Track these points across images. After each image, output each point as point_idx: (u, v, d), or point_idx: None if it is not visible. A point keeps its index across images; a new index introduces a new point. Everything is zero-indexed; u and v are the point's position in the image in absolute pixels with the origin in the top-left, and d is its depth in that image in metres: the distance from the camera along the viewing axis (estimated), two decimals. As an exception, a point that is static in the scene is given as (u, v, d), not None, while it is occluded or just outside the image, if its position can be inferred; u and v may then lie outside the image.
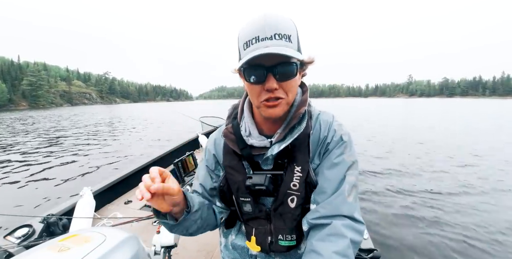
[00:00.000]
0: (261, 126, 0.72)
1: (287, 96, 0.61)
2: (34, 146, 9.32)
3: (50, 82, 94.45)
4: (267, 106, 0.61)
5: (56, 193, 4.54)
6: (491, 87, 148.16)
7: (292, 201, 0.65)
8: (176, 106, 48.46)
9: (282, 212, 0.68)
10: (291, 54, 0.54)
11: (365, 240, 1.61)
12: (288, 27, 0.57)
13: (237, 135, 0.70)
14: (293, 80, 0.60)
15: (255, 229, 0.73)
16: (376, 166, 5.88)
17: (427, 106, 42.36)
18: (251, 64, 0.57)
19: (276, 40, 0.55)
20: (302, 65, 0.63)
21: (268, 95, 0.59)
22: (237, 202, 0.73)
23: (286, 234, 0.69)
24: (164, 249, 1.16)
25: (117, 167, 6.29)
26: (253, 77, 0.59)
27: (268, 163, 0.70)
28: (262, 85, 0.59)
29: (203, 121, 5.93)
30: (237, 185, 0.71)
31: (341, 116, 18.74)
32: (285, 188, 0.66)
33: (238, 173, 0.71)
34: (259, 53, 0.53)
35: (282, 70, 0.57)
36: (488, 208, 3.66)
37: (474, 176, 5.05)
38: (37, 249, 0.69)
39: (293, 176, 0.65)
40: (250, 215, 0.73)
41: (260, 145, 0.67)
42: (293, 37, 0.58)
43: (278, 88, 0.58)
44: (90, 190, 2.25)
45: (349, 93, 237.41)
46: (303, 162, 0.65)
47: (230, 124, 0.74)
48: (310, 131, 0.67)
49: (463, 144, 8.35)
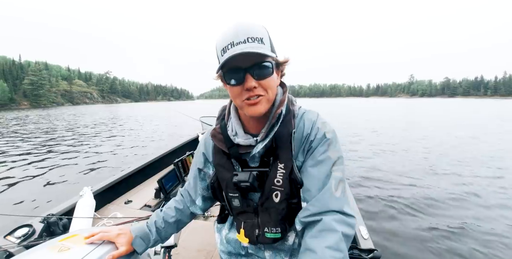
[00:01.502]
0: (247, 125, 0.75)
1: (267, 93, 0.64)
2: (34, 146, 9.35)
3: (51, 81, 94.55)
4: (249, 104, 0.64)
5: (56, 193, 4.55)
6: (493, 87, 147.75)
7: (276, 196, 0.70)
8: (177, 106, 48.37)
9: (268, 206, 0.72)
10: (264, 52, 0.59)
11: (365, 240, 1.61)
12: (260, 31, 0.62)
13: (224, 135, 0.75)
14: (271, 79, 0.64)
15: (244, 222, 0.79)
16: (376, 166, 5.88)
17: (430, 106, 42.23)
18: (229, 67, 0.62)
19: (249, 43, 0.59)
20: (278, 65, 0.68)
21: (248, 94, 0.63)
22: (227, 198, 0.79)
23: (271, 227, 0.74)
24: (164, 249, 1.16)
25: (117, 167, 6.29)
26: (232, 79, 0.63)
27: (255, 161, 0.74)
28: (242, 86, 0.62)
29: (203, 120, 5.93)
30: (226, 182, 0.76)
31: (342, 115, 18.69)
32: (270, 184, 0.70)
33: (226, 170, 0.76)
34: (234, 53, 0.57)
35: (259, 69, 0.61)
36: (490, 208, 3.65)
37: (478, 177, 5.04)
38: (37, 249, 0.69)
39: (277, 173, 0.69)
40: (239, 209, 0.79)
41: (246, 143, 0.71)
42: (265, 40, 0.62)
43: (257, 87, 0.62)
44: (90, 190, 2.25)
45: (350, 93, 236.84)
46: (286, 160, 0.69)
47: (218, 125, 0.79)
48: (293, 129, 0.69)
49: (468, 144, 8.33)
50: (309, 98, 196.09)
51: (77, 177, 5.52)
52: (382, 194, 4.20)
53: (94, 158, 7.33)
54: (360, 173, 5.31)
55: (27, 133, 13.15)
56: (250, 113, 0.65)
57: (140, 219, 2.21)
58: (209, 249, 1.86)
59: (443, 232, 3.06)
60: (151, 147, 8.86)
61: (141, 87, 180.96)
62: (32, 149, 8.75)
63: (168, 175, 2.69)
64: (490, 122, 15.19)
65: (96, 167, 6.34)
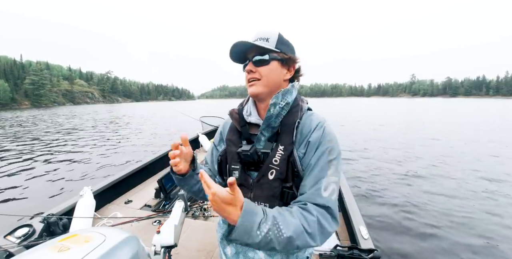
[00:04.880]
0: (260, 111, 0.87)
1: (262, 78, 0.79)
2: (34, 146, 9.37)
3: (52, 81, 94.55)
4: (249, 85, 0.81)
5: (56, 193, 4.56)
6: (495, 86, 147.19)
7: (271, 174, 0.77)
8: (179, 106, 48.42)
9: (262, 182, 0.79)
10: (260, 45, 0.75)
11: (365, 240, 1.61)
12: (268, 33, 0.79)
13: (240, 115, 0.89)
14: (267, 68, 0.78)
15: None
16: (377, 166, 5.87)
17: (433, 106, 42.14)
18: (245, 59, 0.83)
19: (257, 41, 0.77)
20: (283, 61, 0.80)
21: (249, 76, 0.81)
22: (229, 170, 0.87)
23: (261, 201, 0.80)
24: (164, 249, 1.16)
25: (117, 167, 6.31)
26: (243, 65, 0.84)
27: (261, 144, 0.83)
28: (247, 71, 0.81)
29: (204, 120, 5.93)
30: (232, 155, 0.86)
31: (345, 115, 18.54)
32: (268, 163, 0.78)
33: (235, 145, 0.87)
34: (236, 41, 0.76)
35: (257, 58, 0.78)
36: (491, 209, 3.64)
37: (481, 178, 5.03)
38: (37, 249, 0.69)
39: (276, 153, 0.78)
40: (237, 182, 0.82)
41: (256, 122, 0.84)
42: (271, 39, 0.78)
43: (255, 71, 0.79)
44: (90, 190, 2.26)
45: (351, 93, 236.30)
46: (287, 143, 0.78)
47: (237, 108, 0.93)
48: (297, 119, 0.79)
49: (471, 144, 8.32)
50: (310, 98, 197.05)
51: (77, 177, 5.52)
52: (382, 194, 4.20)
53: (94, 158, 7.34)
54: (361, 173, 5.31)
55: (27, 133, 13.19)
56: (249, 92, 0.82)
57: (140, 219, 2.21)
58: (209, 249, 1.86)
59: (443, 232, 3.06)
60: (151, 146, 8.87)
61: (142, 87, 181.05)
62: (32, 149, 8.77)
63: (168, 175, 2.69)
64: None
65: (96, 167, 6.35)
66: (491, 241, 2.87)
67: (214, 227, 2.09)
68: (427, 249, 2.74)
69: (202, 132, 5.16)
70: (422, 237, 2.96)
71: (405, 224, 3.25)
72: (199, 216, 2.36)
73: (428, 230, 3.11)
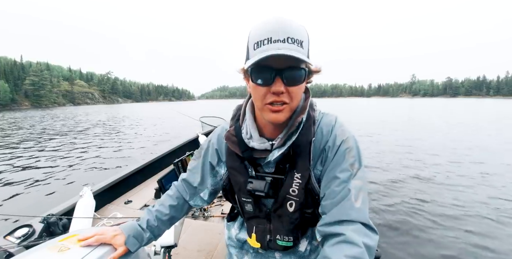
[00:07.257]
0: (263, 129, 0.71)
1: (292, 101, 0.60)
2: (34, 146, 9.38)
3: (52, 81, 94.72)
4: (271, 110, 0.60)
5: (56, 193, 4.56)
6: (495, 86, 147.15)
7: (290, 205, 0.68)
8: (178, 106, 48.42)
9: (281, 214, 0.71)
10: (303, 58, 0.53)
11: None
12: (301, 33, 0.57)
13: (238, 138, 0.71)
14: (300, 86, 0.60)
15: (255, 227, 0.77)
16: (377, 165, 5.87)
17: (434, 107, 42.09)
18: (260, 65, 0.56)
19: (289, 43, 0.54)
20: (309, 73, 0.62)
21: (273, 98, 0.58)
22: (239, 201, 0.77)
23: (283, 235, 0.72)
24: (164, 249, 1.16)
25: (117, 167, 6.31)
26: (260, 79, 0.58)
27: (270, 166, 0.71)
28: (268, 87, 0.57)
29: (203, 121, 5.93)
30: (239, 186, 0.74)
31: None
32: (284, 193, 0.68)
33: (240, 174, 0.73)
34: (272, 53, 0.52)
35: (291, 74, 0.57)
36: (491, 211, 3.64)
37: (482, 179, 5.03)
38: (37, 249, 0.69)
39: (293, 183, 0.66)
40: (251, 214, 0.77)
41: (261, 147, 0.67)
42: (304, 43, 0.57)
43: (284, 92, 0.58)
44: (90, 190, 2.25)
45: (352, 93, 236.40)
46: (303, 169, 0.66)
47: (233, 127, 0.75)
48: (312, 138, 0.66)
49: (473, 144, 8.31)
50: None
51: (77, 177, 5.53)
52: (382, 194, 4.20)
53: (94, 158, 7.35)
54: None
55: (27, 133, 13.19)
56: (270, 120, 0.61)
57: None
58: (209, 249, 1.86)
59: (444, 232, 3.05)
60: (151, 146, 8.87)
61: (142, 87, 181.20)
62: (32, 149, 8.78)
63: (168, 175, 2.68)
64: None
65: (96, 167, 6.36)
66: (492, 240, 2.86)
67: (214, 227, 2.09)
68: (427, 249, 2.73)
69: (202, 132, 5.16)
70: (422, 237, 2.95)
71: (405, 224, 3.25)
72: (199, 216, 2.35)
73: (428, 230, 3.10)
